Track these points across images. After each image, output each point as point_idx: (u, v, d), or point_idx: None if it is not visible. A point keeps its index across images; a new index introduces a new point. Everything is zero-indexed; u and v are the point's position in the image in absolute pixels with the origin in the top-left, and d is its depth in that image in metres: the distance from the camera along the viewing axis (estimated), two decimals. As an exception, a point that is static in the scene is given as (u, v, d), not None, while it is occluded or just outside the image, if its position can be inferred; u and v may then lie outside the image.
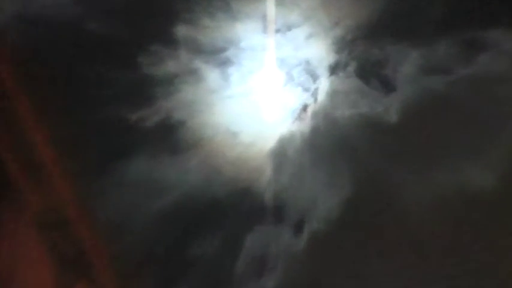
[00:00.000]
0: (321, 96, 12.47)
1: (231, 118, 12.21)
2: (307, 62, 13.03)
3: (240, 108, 12.17)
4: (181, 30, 12.58)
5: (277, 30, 12.88)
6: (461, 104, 11.67)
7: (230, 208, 11.84)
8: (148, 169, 11.87)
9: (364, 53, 12.85)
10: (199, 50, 12.56)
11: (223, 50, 12.64)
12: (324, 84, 12.87)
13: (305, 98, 12.44)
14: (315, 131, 12.18)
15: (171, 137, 12.19)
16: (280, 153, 12.09)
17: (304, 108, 12.48)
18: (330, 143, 12.07)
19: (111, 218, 11.13)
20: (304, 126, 12.38)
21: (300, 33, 12.91)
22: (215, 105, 12.52)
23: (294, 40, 12.86)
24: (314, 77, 12.68)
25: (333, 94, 12.74)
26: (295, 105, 12.46)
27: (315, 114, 12.36)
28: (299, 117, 12.47)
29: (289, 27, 12.92)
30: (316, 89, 12.89)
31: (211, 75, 12.52)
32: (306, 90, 12.54)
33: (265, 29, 12.82)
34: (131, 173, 11.75)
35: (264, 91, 12.51)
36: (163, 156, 12.00)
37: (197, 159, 12.06)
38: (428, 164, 11.43)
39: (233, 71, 12.44)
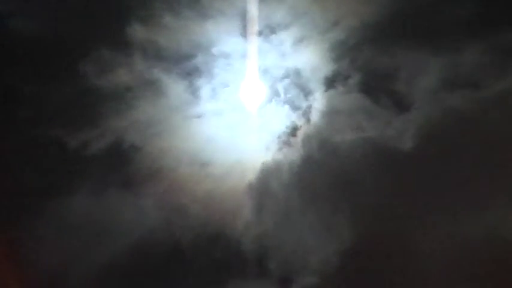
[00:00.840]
0: (315, 116, 11.94)
1: (199, 143, 11.68)
2: (297, 73, 12.41)
3: (211, 130, 11.74)
4: (137, 31, 11.82)
5: (260, 33, 12.27)
6: (492, 128, 11.12)
7: (197, 258, 11.27)
8: (93, 208, 11.20)
9: (371, 61, 12.08)
10: (159, 57, 11.92)
11: (190, 56, 12.06)
12: (318, 101, 12.29)
13: (294, 118, 12.04)
14: (307, 160, 11.60)
15: (123, 167, 11.57)
16: (262, 188, 11.52)
17: (294, 131, 11.98)
18: (326, 176, 11.44)
19: (46, 271, 10.64)
20: (293, 154, 11.81)
21: (288, 36, 12.28)
22: (179, 127, 11.92)
23: (280, 45, 12.32)
24: (306, 92, 12.13)
25: (330, 114, 12.08)
26: (282, 128, 12.00)
27: (307, 139, 11.81)
28: (287, 143, 11.95)
29: (274, 29, 12.32)
30: (309, 107, 12.31)
31: (175, 89, 11.95)
32: (296, 108, 12.08)
33: (244, 31, 12.19)
34: (71, 214, 11.10)
35: (242, 109, 12.00)
36: (112, 192, 11.36)
37: (155, 195, 11.51)
38: (450, 206, 10.80)
39: (203, 84, 11.94)
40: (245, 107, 12.11)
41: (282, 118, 12.09)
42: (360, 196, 11.22)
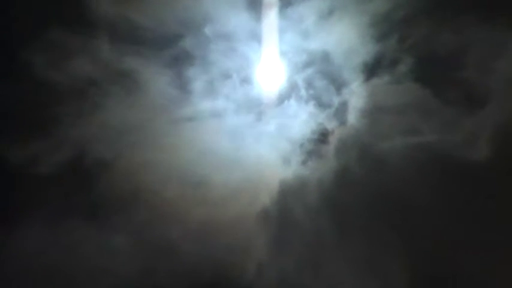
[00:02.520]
0: (352, 116, 12.02)
1: (192, 156, 11.83)
2: (325, 59, 12.27)
3: (208, 138, 11.95)
4: (102, 5, 11.58)
5: (272, 5, 12.05)
6: None
7: (190, 320, 11.09)
8: (45, 247, 10.99)
9: (427, 40, 11.90)
10: (134, 39, 11.81)
11: (176, 38, 11.94)
12: (356, 95, 12.18)
13: (323, 120, 12.18)
14: (341, 176, 11.77)
15: (86, 189, 11.45)
16: (280, 216, 11.69)
17: (323, 137, 12.12)
18: (368, 197, 11.65)
19: None
20: (322, 169, 11.92)
21: (311, 8, 12.09)
22: (164, 134, 11.91)
23: (300, 21, 12.14)
24: (338, 83, 12.19)
25: (372, 113, 12.01)
26: (306, 133, 12.15)
27: (341, 148, 11.95)
28: (313, 154, 12.09)
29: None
30: (343, 105, 12.22)
31: (157, 82, 11.93)
32: (325, 106, 12.16)
33: (250, 3, 12.05)
34: (14, 255, 10.93)
35: (249, 109, 12.24)
36: (71, 224, 11.22)
37: (131, 228, 11.41)
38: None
39: (195, 75, 12.05)
40: (254, 105, 12.29)
41: (305, 120, 12.17)
42: (414, 224, 11.33)
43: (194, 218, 11.53)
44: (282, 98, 12.34)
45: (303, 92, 12.36)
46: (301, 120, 12.31)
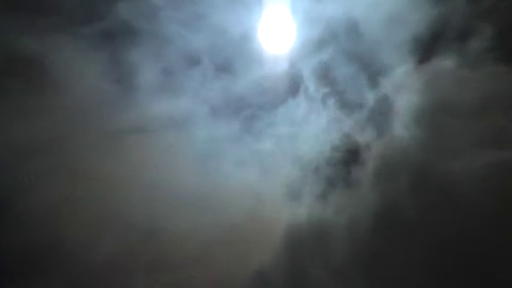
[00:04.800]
0: (399, 121, 9.75)
1: (138, 193, 9.61)
2: (354, 28, 9.90)
3: (165, 161, 9.71)
4: None
5: None
6: None
7: None
8: None
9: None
10: (40, 8, 9.57)
11: (109, 4, 9.77)
12: (405, 88, 9.81)
13: (352, 127, 9.92)
14: (385, 218, 9.40)
15: None
16: (292, 262, 9.48)
17: (353, 153, 9.92)
18: (433, 253, 9.24)
19: None
20: (352, 205, 9.68)
21: None
22: (93, 155, 9.58)
23: None
24: (374, 69, 9.86)
25: (433, 114, 9.69)
26: (325, 151, 9.89)
27: (384, 171, 9.68)
28: (338, 183, 9.87)
29: None
30: (384, 104, 9.85)
31: (80, 74, 9.61)
32: (354, 106, 9.99)
33: None
34: None
35: (234, 110, 10.14)
36: None
37: None
38: None
39: (142, 61, 9.75)
40: (242, 105, 10.10)
41: (323, 129, 10.10)
42: (488, 272, 9.24)
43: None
44: (284, 94, 10.14)
45: (316, 85, 10.02)
46: (315, 128, 10.10)
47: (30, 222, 9.47)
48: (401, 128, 9.84)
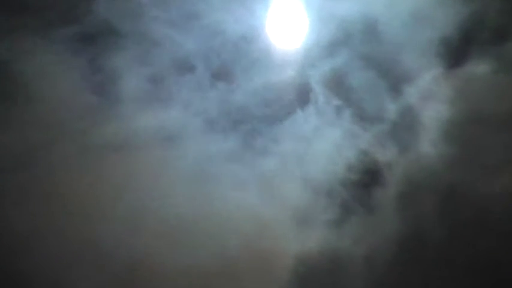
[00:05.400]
0: (426, 136, 8.94)
1: (120, 224, 8.61)
2: (372, 27, 9.19)
3: (149, 183, 8.80)
4: None
5: None
6: None
7: None
8: None
9: None
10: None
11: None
12: (432, 97, 9.00)
13: (370, 142, 9.01)
14: (411, 251, 8.52)
15: None
16: None
17: (372, 177, 9.01)
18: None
19: None
20: (372, 235, 8.83)
21: None
22: (68, 174, 8.81)
23: None
24: (396, 75, 9.04)
25: (465, 127, 8.92)
26: (339, 171, 8.99)
27: (408, 195, 8.75)
28: (355, 208, 8.94)
29: None
30: (407, 116, 9.08)
31: (53, 80, 8.92)
32: (372, 118, 9.10)
33: None
34: None
35: (232, 125, 9.27)
36: None
37: None
38: None
39: (123, 65, 9.06)
40: (243, 118, 9.29)
41: (337, 144, 9.08)
42: None
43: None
44: (291, 104, 9.27)
45: (328, 94, 9.17)
46: (327, 145, 9.07)
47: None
48: (428, 143, 8.98)
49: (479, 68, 9.07)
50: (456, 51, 9.12)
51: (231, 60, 9.20)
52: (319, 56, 9.24)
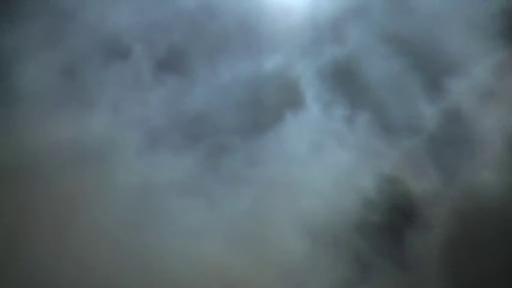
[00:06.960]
0: (482, 157, 6.98)
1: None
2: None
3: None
4: None
5: None
6: None
7: None
8: None
9: None
10: None
11: None
12: (484, 95, 7.06)
13: (396, 167, 7.01)
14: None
15: None
16: None
17: (405, 214, 6.68)
18: None
19: None
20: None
21: None
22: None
23: None
24: (437, 69, 6.91)
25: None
26: (357, 206, 6.72)
27: (455, 235, 6.66)
28: (381, 257, 6.78)
29: None
30: (456, 123, 7.07)
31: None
32: (403, 131, 6.97)
33: None
34: None
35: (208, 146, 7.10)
36: None
37: None
38: None
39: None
40: (224, 126, 7.13)
41: (355, 166, 6.75)
42: None
43: None
44: (278, 108, 7.03)
45: (333, 93, 6.95)
46: (333, 168, 6.78)
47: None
48: (485, 167, 6.91)
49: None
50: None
51: (186, 42, 7.05)
52: (319, 37, 7.09)
